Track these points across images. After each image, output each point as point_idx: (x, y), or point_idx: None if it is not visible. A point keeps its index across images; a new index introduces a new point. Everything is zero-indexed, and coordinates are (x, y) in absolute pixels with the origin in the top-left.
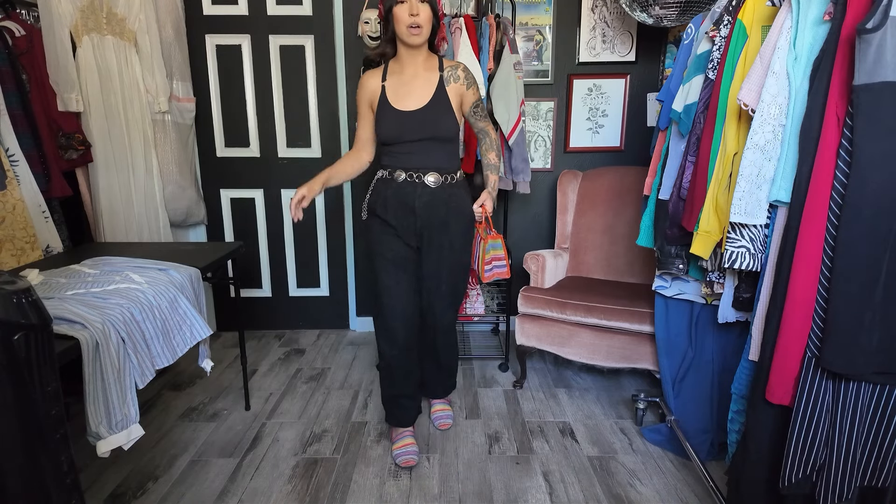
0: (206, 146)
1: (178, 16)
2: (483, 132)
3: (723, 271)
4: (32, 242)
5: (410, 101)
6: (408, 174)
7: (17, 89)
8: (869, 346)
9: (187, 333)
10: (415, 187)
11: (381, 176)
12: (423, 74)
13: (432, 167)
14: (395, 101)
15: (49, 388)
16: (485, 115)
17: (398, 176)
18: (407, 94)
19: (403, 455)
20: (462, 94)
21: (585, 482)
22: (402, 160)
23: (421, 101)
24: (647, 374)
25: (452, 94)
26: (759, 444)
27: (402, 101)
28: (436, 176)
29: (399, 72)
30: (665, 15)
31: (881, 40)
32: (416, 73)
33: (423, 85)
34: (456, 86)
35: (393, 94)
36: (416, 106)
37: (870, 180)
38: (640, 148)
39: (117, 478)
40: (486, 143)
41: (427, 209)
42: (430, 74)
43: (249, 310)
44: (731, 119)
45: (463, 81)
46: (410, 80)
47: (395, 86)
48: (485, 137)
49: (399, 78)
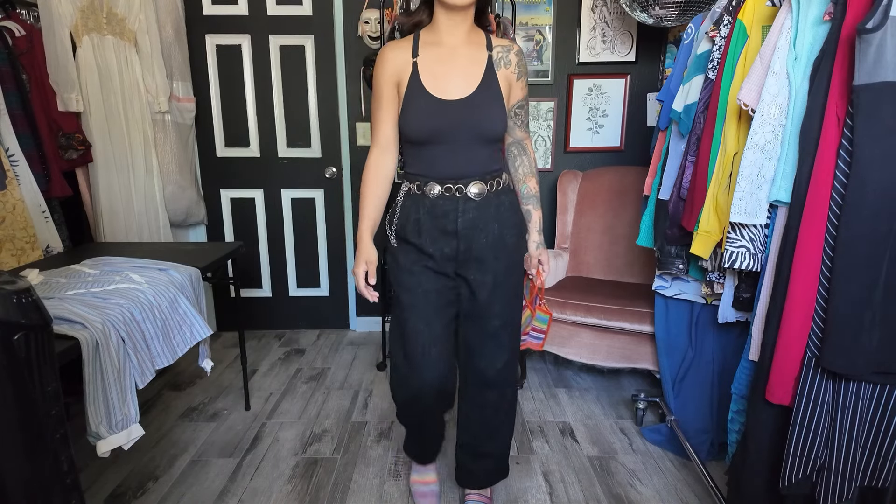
0: (206, 146)
1: (178, 16)
2: (519, 146)
3: (723, 271)
4: (32, 242)
5: (453, 87)
6: (444, 187)
7: (18, 89)
8: (869, 347)
9: (187, 333)
10: (455, 203)
11: (409, 191)
12: (468, 50)
13: (475, 174)
14: (433, 85)
15: (49, 388)
16: (526, 123)
17: (431, 190)
18: (447, 75)
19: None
20: (511, 84)
21: (585, 482)
22: (436, 167)
23: (467, 87)
24: (647, 374)
25: (502, 83)
26: (759, 445)
27: (442, 85)
28: (480, 185)
29: (435, 43)
30: (665, 15)
31: (881, 40)
32: (457, 48)
33: (468, 65)
34: (506, 72)
35: (429, 76)
36: (462, 93)
37: (870, 180)
38: (640, 148)
39: (117, 478)
40: (522, 163)
41: (471, 229)
42: (477, 52)
43: (249, 310)
44: (731, 119)
45: (514, 68)
46: (450, 56)
47: (430, 63)
48: (521, 155)
49: (435, 52)
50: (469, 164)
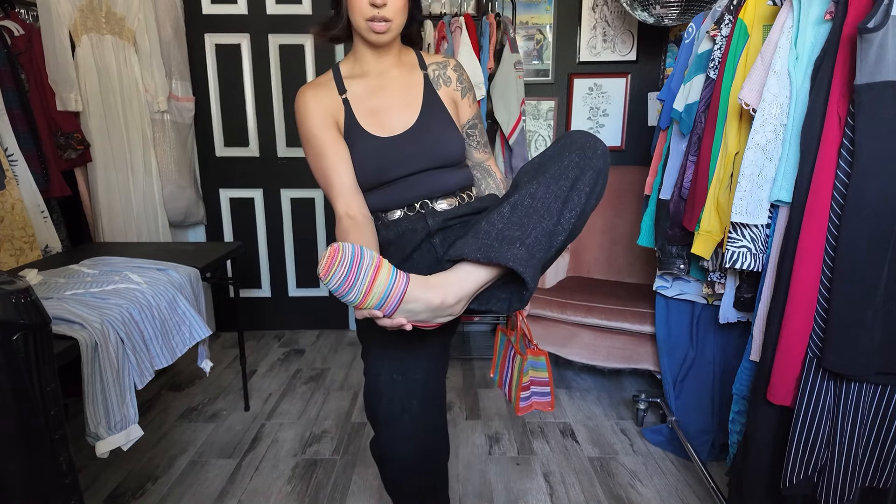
0: (206, 146)
1: (177, 15)
2: (481, 169)
3: (724, 271)
4: (31, 242)
5: (393, 120)
6: (407, 207)
7: (16, 89)
8: (870, 347)
9: (186, 334)
10: (423, 217)
11: None
12: (399, 74)
13: (440, 193)
14: (370, 123)
15: (48, 388)
16: (485, 143)
17: (391, 215)
18: (383, 108)
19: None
20: (456, 102)
21: (586, 483)
22: (393, 198)
23: (410, 117)
24: (647, 375)
25: (446, 102)
26: (760, 445)
27: (381, 121)
28: (449, 200)
29: (360, 75)
30: (666, 14)
31: (882, 40)
32: (387, 74)
33: (404, 91)
34: (448, 90)
35: (364, 113)
36: (405, 125)
37: (871, 180)
38: (641, 147)
39: (116, 478)
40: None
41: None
42: (409, 74)
43: (249, 310)
44: (733, 118)
45: (456, 85)
46: (381, 85)
47: (361, 98)
48: (486, 178)
49: (364, 84)
50: (432, 190)
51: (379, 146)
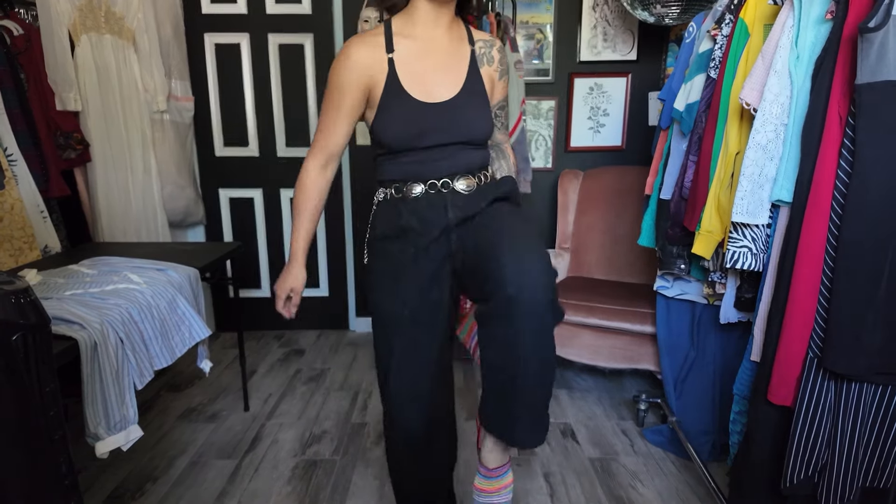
0: (205, 145)
1: (176, 14)
2: (498, 150)
3: (725, 271)
4: (31, 242)
5: (437, 86)
6: (428, 184)
7: (16, 88)
8: (871, 347)
9: (186, 334)
10: (442, 197)
11: (386, 196)
12: (449, 44)
13: (461, 171)
14: (413, 86)
15: (47, 388)
16: (506, 125)
17: (412, 190)
18: (428, 74)
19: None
20: (493, 83)
21: (586, 484)
22: (417, 171)
23: (452, 88)
24: (648, 375)
25: (486, 82)
26: (761, 445)
27: (425, 85)
28: (468, 180)
29: (411, 35)
30: (666, 13)
31: (883, 39)
32: (436, 42)
33: (451, 61)
34: (489, 70)
35: (408, 75)
36: (446, 95)
37: (872, 180)
38: (642, 147)
39: (116, 479)
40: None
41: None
42: (459, 46)
43: (248, 310)
44: (733, 118)
45: (497, 66)
46: (429, 51)
47: (408, 60)
48: (500, 159)
49: (413, 46)
50: (454, 166)
51: (416, 109)
